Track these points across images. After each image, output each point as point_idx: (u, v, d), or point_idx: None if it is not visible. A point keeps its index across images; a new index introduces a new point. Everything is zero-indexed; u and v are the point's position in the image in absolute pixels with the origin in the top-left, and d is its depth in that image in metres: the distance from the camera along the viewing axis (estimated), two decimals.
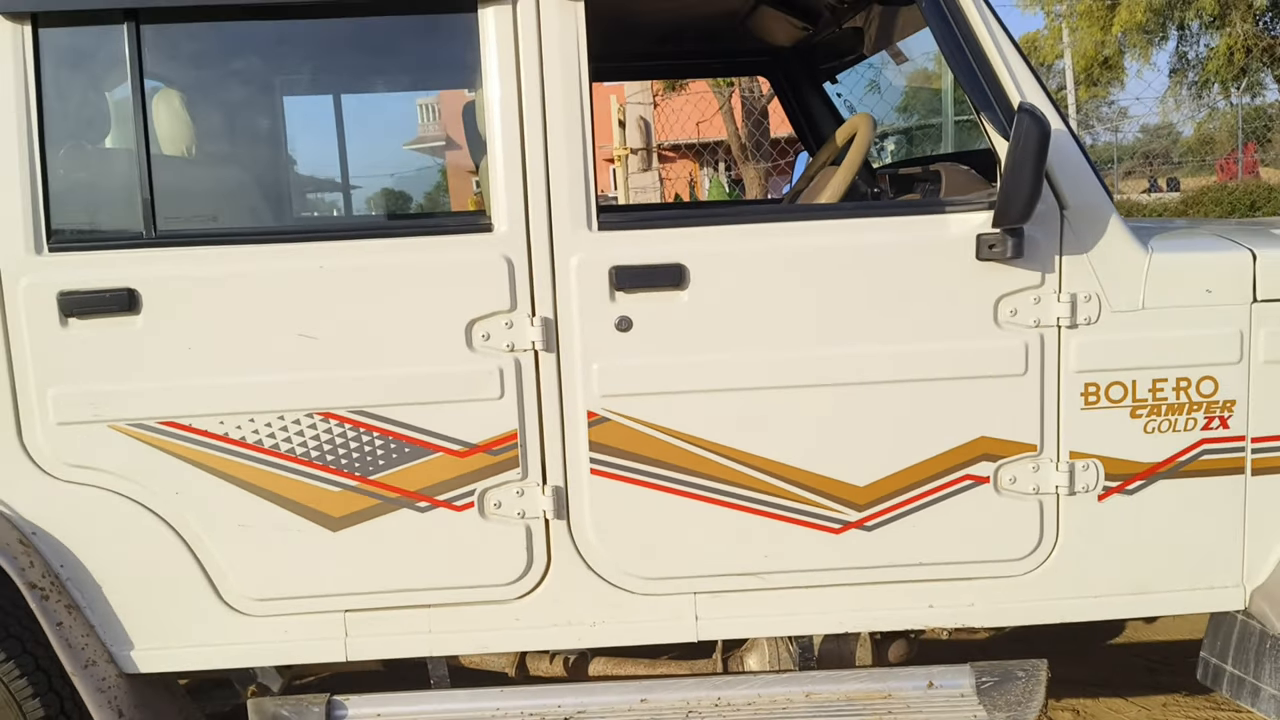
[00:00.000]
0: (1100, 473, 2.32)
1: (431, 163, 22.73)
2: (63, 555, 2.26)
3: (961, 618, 2.40)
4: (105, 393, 2.22)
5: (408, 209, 3.92)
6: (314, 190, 3.80)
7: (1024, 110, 2.01)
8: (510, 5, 2.21)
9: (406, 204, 4.27)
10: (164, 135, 2.83)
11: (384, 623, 2.36)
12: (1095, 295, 2.26)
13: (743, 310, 2.26)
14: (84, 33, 2.25)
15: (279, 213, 3.25)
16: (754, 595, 2.38)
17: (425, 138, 22.76)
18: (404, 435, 2.27)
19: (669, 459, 2.30)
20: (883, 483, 2.32)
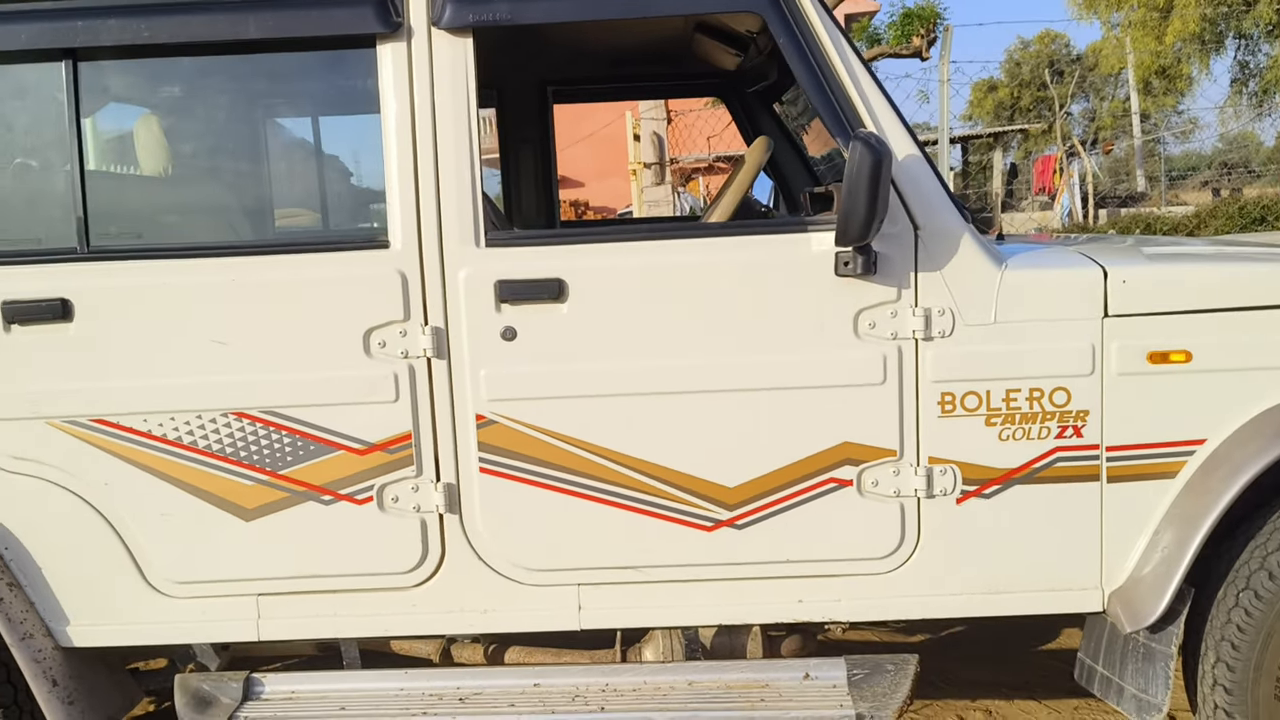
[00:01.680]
0: (958, 477, 2.44)
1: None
2: (6, 538, 2.52)
3: (829, 612, 2.53)
4: (43, 392, 2.47)
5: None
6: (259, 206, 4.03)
7: (858, 138, 2.15)
8: (404, 41, 2.42)
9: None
10: (143, 156, 3.09)
11: (293, 606, 2.57)
12: (949, 310, 2.39)
13: (618, 322, 2.43)
14: (31, 67, 2.51)
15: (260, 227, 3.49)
16: (634, 588, 2.54)
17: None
18: (309, 434, 2.49)
19: (552, 459, 2.48)
20: (751, 484, 2.47)
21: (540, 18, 2.43)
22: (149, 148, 3.15)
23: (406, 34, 2.42)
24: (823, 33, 2.37)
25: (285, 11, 2.39)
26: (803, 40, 2.37)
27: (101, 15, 2.40)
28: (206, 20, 2.40)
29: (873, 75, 2.41)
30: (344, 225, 4.01)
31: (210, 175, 3.12)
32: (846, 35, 2.41)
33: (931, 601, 2.50)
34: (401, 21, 2.41)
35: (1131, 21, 22.12)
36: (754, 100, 3.88)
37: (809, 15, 2.37)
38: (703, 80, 4.05)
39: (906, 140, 2.38)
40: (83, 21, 2.40)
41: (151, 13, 2.40)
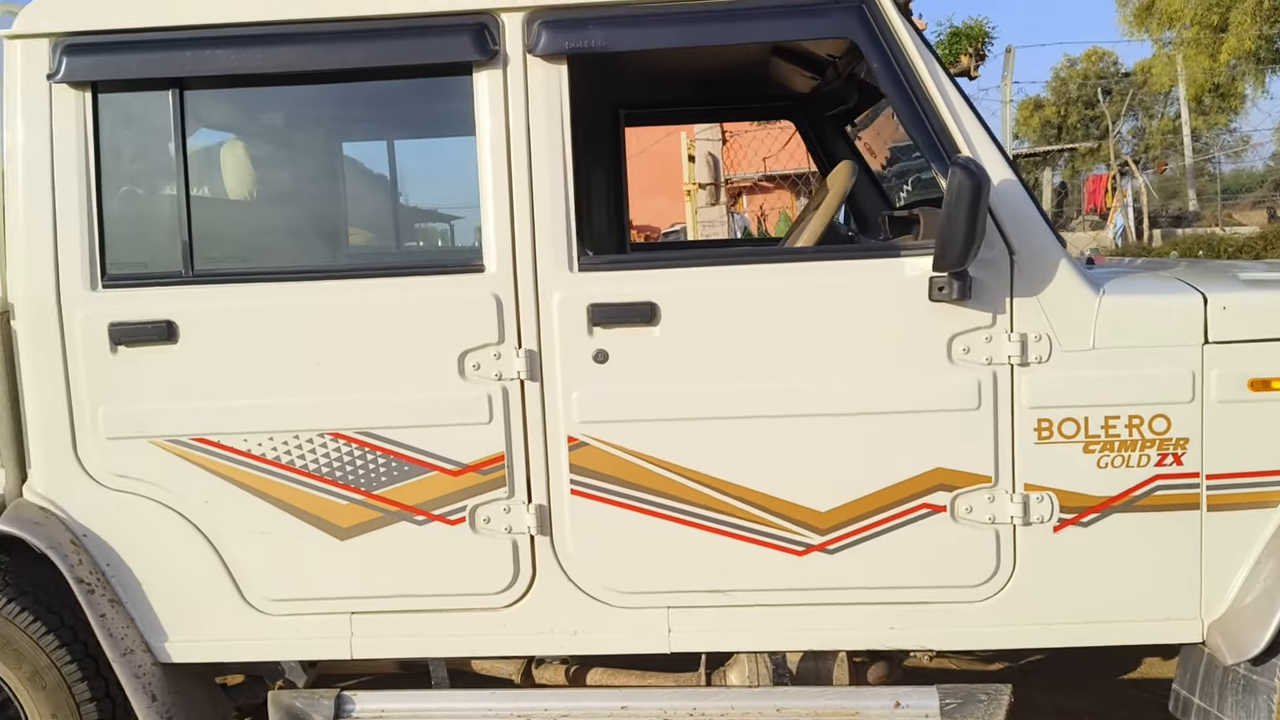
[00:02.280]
0: (1055, 505, 2.42)
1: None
2: (108, 555, 2.57)
3: (920, 640, 2.51)
4: (147, 412, 2.53)
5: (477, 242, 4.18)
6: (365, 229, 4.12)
7: (957, 163, 2.15)
8: (500, 68, 2.46)
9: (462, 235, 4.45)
10: (230, 181, 3.16)
11: (385, 625, 2.60)
12: (1046, 335, 2.38)
13: (710, 345, 2.44)
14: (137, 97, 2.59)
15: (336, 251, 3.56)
16: (723, 611, 2.54)
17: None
18: (403, 454, 2.52)
19: (643, 482, 2.49)
20: (844, 509, 2.47)
21: (634, 45, 2.45)
22: (235, 173, 3.22)
23: (502, 61, 2.46)
24: (916, 57, 2.38)
25: (387, 41, 2.44)
26: (897, 65, 2.38)
27: (210, 45, 2.46)
28: (311, 50, 2.46)
29: (966, 98, 2.41)
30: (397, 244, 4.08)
31: (300, 199, 3.18)
32: (939, 58, 2.41)
33: (1027, 630, 2.48)
34: (498, 49, 2.45)
35: (1184, 39, 21.85)
36: (827, 123, 3.88)
37: (902, 39, 2.38)
38: (775, 103, 4.07)
39: (1002, 164, 2.38)
40: (192, 51, 2.46)
41: (258, 43, 2.46)
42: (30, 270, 2.51)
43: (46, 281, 2.50)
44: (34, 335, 2.52)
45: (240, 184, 3.24)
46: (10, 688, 2.62)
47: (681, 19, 2.42)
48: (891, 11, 2.36)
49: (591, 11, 2.44)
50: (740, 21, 2.41)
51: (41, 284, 2.51)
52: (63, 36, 2.49)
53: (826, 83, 3.50)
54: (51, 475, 2.56)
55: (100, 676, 2.63)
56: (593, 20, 2.43)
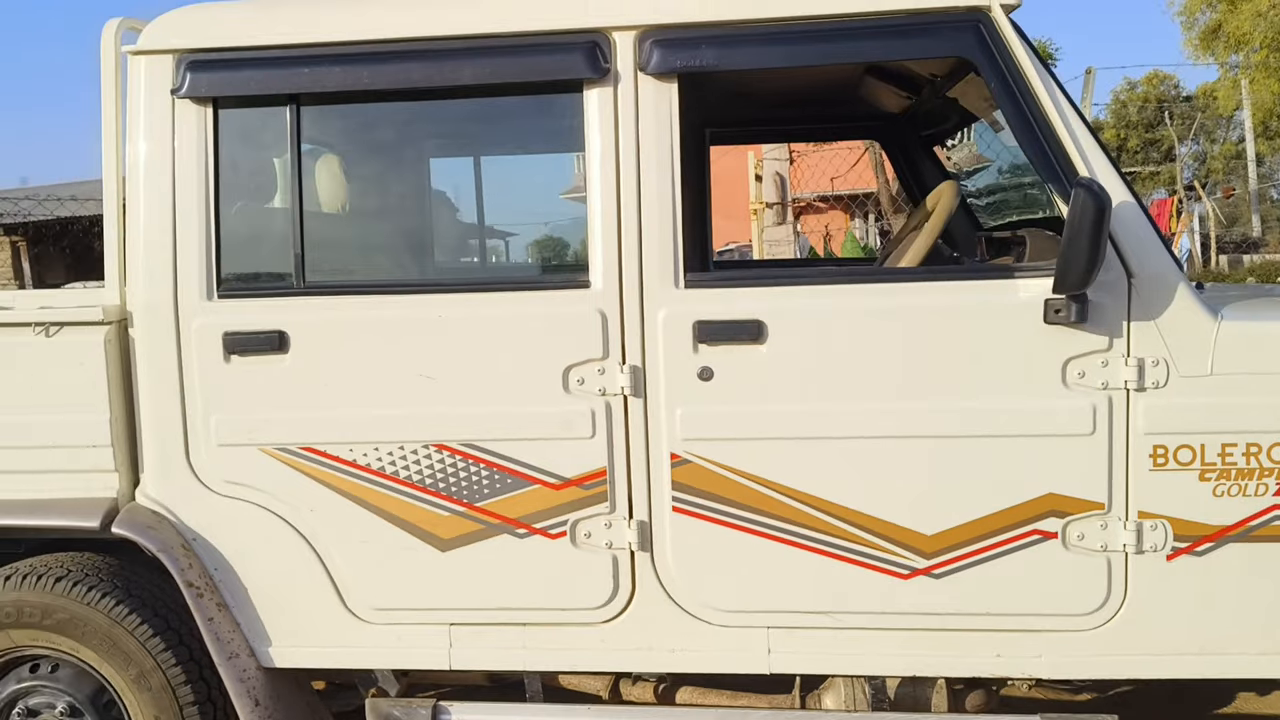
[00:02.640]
0: (1169, 533, 2.37)
1: (585, 212, 23.49)
2: (217, 559, 2.62)
3: (1029, 669, 2.47)
4: (257, 420, 2.57)
5: (565, 256, 4.20)
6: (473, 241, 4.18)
7: (1080, 184, 2.13)
8: (611, 86, 2.48)
9: (563, 251, 4.53)
10: (324, 195, 3.22)
11: (484, 636, 2.61)
12: (1163, 360, 2.34)
13: (817, 364, 2.43)
14: (254, 112, 2.65)
15: (424, 265, 3.62)
16: (825, 634, 2.52)
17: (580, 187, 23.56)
18: (507, 467, 2.54)
19: (746, 500, 2.48)
20: (951, 533, 2.44)
21: (746, 64, 2.46)
22: (330, 187, 3.28)
23: (614, 79, 2.48)
24: (1034, 76, 2.35)
25: (500, 59, 2.48)
26: (1014, 84, 2.36)
27: (327, 63, 2.51)
28: (425, 67, 2.50)
29: (1083, 118, 2.38)
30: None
31: (396, 213, 3.23)
32: (1055, 78, 2.39)
33: (1137, 661, 2.42)
34: (609, 68, 2.47)
35: (1253, 63, 21.42)
36: (916, 143, 3.86)
37: (1020, 58, 2.36)
38: (861, 123, 4.05)
39: (1121, 186, 2.35)
40: (309, 69, 2.52)
41: (374, 61, 2.51)
42: (149, 280, 2.57)
43: (164, 291, 2.56)
44: (151, 343, 2.58)
45: (333, 198, 3.31)
46: (116, 689, 2.68)
47: (794, 38, 2.43)
48: (1009, 30, 2.34)
49: (704, 30, 2.45)
50: (854, 40, 2.41)
51: (160, 293, 2.57)
52: (186, 53, 2.55)
53: (921, 103, 3.49)
54: (164, 480, 2.61)
55: (204, 680, 2.67)
56: (705, 39, 2.44)
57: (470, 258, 4.04)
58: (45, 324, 2.60)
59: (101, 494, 2.63)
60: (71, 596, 2.62)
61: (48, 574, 2.65)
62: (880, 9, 2.39)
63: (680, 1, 2.47)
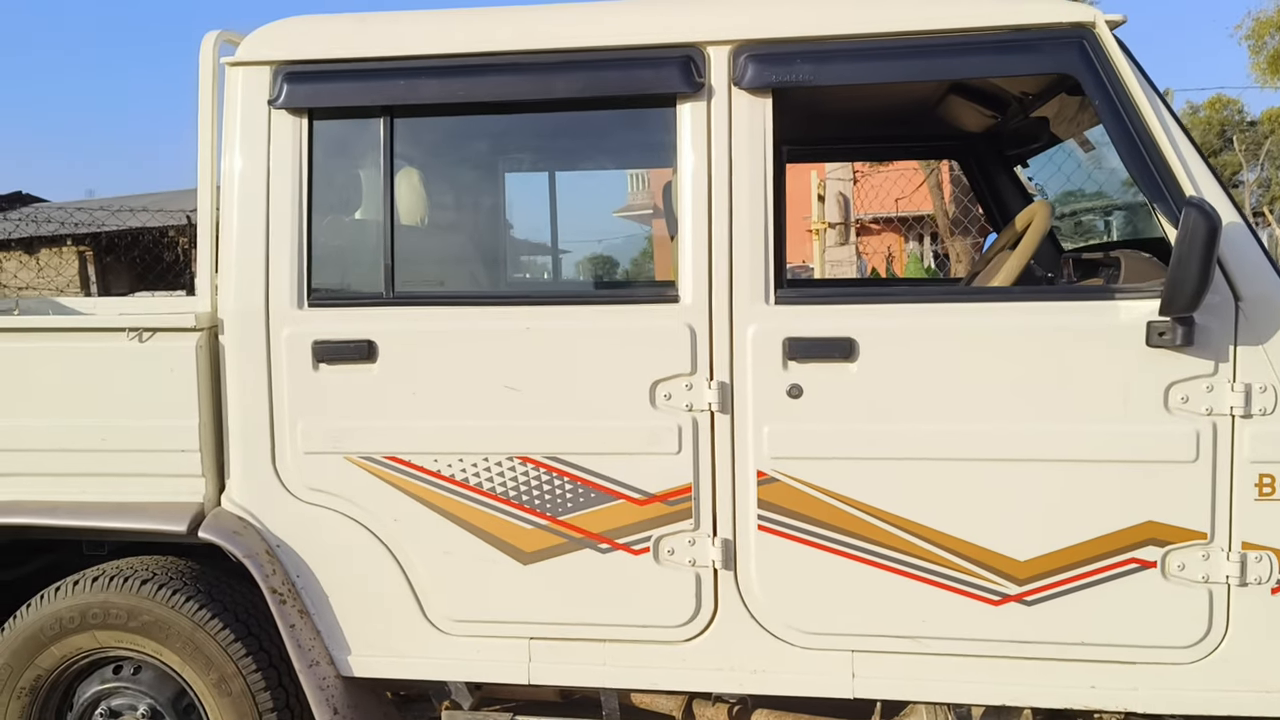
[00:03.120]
0: (1274, 565, 2.29)
1: (639, 230, 23.56)
2: (299, 566, 2.63)
3: (1124, 701, 2.39)
4: (344, 429, 2.58)
5: (614, 273, 4.23)
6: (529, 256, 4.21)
7: (1191, 204, 2.08)
8: (705, 101, 2.47)
9: (614, 268, 4.60)
10: (403, 208, 3.25)
11: (563, 651, 2.59)
12: (1271, 386, 2.26)
13: (910, 384, 2.39)
14: (347, 124, 2.67)
15: (496, 278, 3.63)
16: (911, 659, 2.47)
17: (633, 205, 23.67)
18: (590, 481, 2.52)
19: (833, 521, 2.44)
20: (1044, 559, 2.38)
21: (841, 79, 2.44)
22: (410, 200, 3.31)
23: (707, 94, 2.47)
24: (1139, 93, 2.30)
25: (594, 72, 2.48)
26: (1119, 101, 2.31)
27: (421, 75, 2.53)
28: (518, 80, 2.50)
29: (1190, 137, 2.32)
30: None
31: (481, 226, 3.24)
32: (1161, 95, 2.34)
33: (1239, 697, 2.34)
34: (704, 82, 2.46)
35: None
36: (997, 163, 3.80)
37: (1124, 75, 2.31)
38: (941, 142, 4.00)
39: (1228, 205, 2.29)
40: (404, 81, 2.54)
41: (467, 74, 2.52)
42: (241, 287, 2.60)
43: (256, 298, 2.59)
44: (241, 349, 2.61)
45: (413, 210, 3.33)
46: (196, 693, 2.69)
47: (891, 53, 2.40)
48: (1114, 48, 2.30)
49: (799, 45, 2.44)
50: (954, 56, 2.37)
51: (251, 301, 2.59)
52: (283, 64, 2.59)
53: (1005, 122, 3.44)
54: (250, 486, 2.63)
55: (282, 687, 2.68)
56: (800, 54, 2.43)
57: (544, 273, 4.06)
58: (139, 330, 2.64)
59: (188, 499, 2.66)
60: (157, 599, 2.64)
61: (134, 576, 2.68)
62: (981, 25, 2.36)
63: (776, 16, 2.45)
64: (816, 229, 8.22)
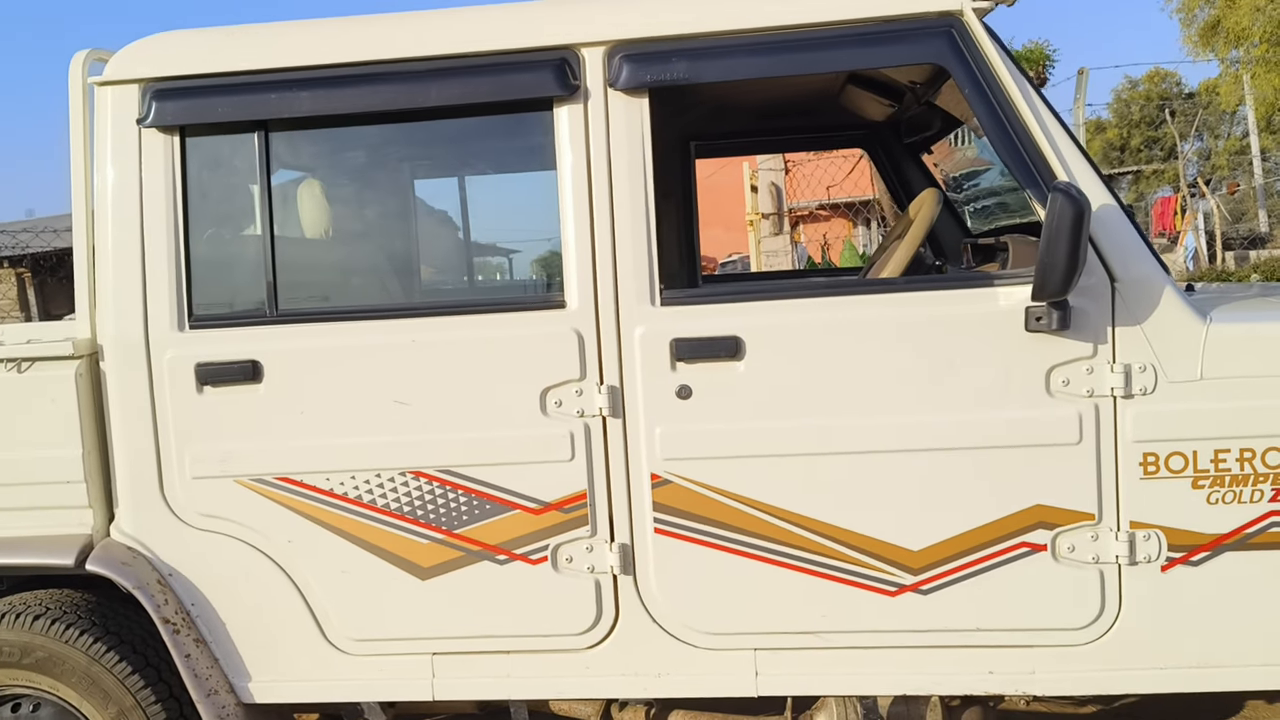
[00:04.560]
0: (1163, 543, 2.31)
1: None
2: (193, 594, 2.58)
3: (1022, 685, 2.41)
4: (232, 451, 2.53)
5: (556, 272, 4.19)
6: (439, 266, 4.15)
7: (1057, 189, 2.08)
8: (581, 103, 2.44)
9: (555, 268, 4.52)
10: (306, 220, 3.19)
11: (468, 666, 2.56)
12: (1150, 366, 2.28)
13: (797, 380, 2.38)
14: (223, 139, 2.62)
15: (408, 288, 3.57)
16: (813, 654, 2.47)
17: None
18: (485, 493, 2.49)
19: (728, 520, 2.43)
20: (937, 548, 2.38)
21: (717, 76, 2.42)
22: (312, 212, 3.25)
23: (584, 96, 2.44)
24: (1009, 81, 2.31)
25: (468, 79, 2.44)
26: (989, 90, 2.31)
27: (294, 88, 2.48)
28: (393, 89, 2.46)
29: (1061, 122, 2.34)
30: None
31: (378, 237, 3.19)
32: (1032, 81, 2.35)
33: (1135, 675, 2.36)
34: (579, 84, 2.44)
35: (1253, 58, 21.32)
36: (902, 150, 3.82)
37: (994, 64, 2.32)
38: (846, 131, 4.01)
39: (1101, 189, 2.30)
40: (276, 94, 2.49)
41: (341, 84, 2.47)
42: (119, 312, 2.54)
43: (135, 323, 2.53)
44: (122, 376, 2.55)
45: (316, 223, 3.27)
46: None
47: (765, 49, 2.39)
48: (982, 35, 2.30)
49: (673, 44, 2.42)
50: (826, 50, 2.36)
51: (130, 325, 2.53)
52: (151, 82, 2.53)
53: (904, 110, 3.44)
54: (138, 515, 2.57)
55: (184, 717, 2.63)
56: (675, 52, 2.41)
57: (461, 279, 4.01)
58: (17, 360, 2.57)
59: (76, 530, 2.59)
60: (49, 635, 2.58)
61: (26, 612, 2.61)
62: (850, 17, 2.35)
63: (649, 16, 2.43)
64: (751, 220, 8.22)
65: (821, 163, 9.34)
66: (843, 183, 9.29)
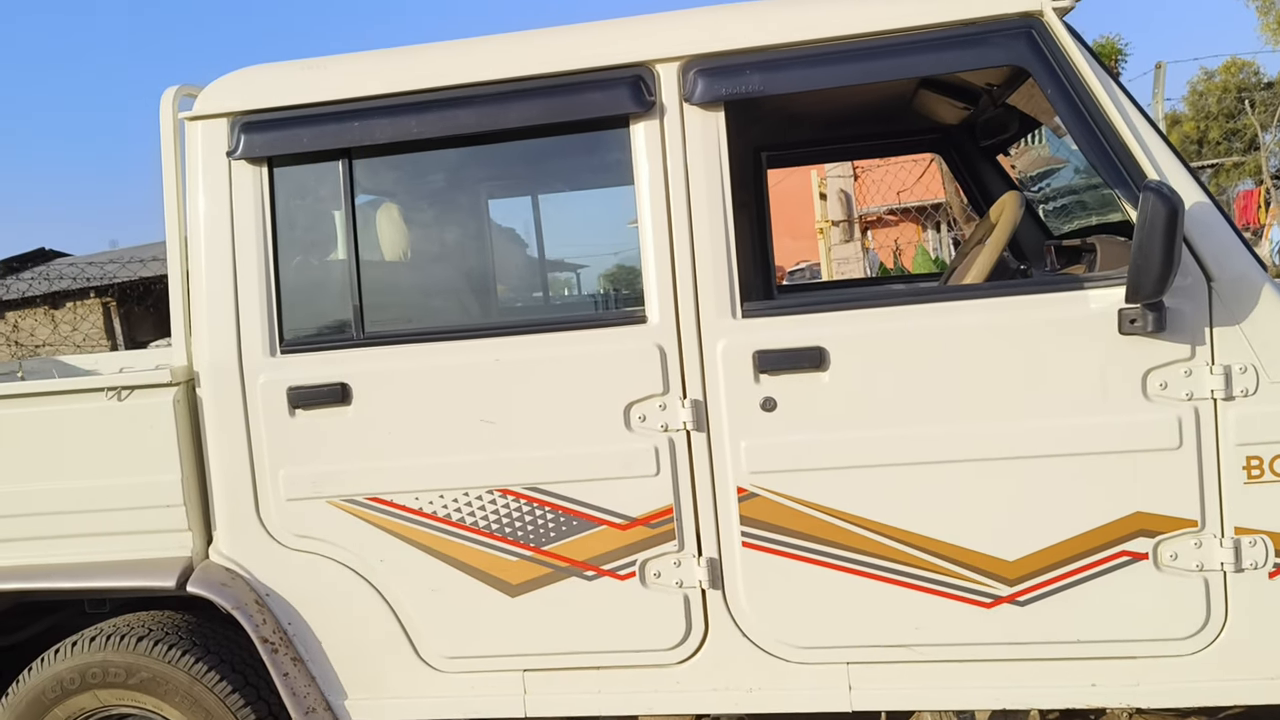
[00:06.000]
0: (1269, 549, 2.23)
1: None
2: (290, 614, 2.63)
3: (1126, 698, 2.34)
4: (324, 473, 2.59)
5: (636, 284, 4.22)
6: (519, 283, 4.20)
7: (1149, 188, 2.03)
8: (658, 119, 2.45)
9: (636, 279, 4.57)
10: (385, 243, 3.25)
11: (557, 682, 2.57)
12: (1251, 366, 2.21)
13: (884, 389, 2.36)
14: (309, 168, 2.68)
15: (486, 307, 3.62)
16: (907, 667, 2.43)
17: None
18: (572, 509, 2.51)
19: (817, 533, 2.41)
20: (1034, 557, 2.33)
21: (792, 87, 2.41)
22: (390, 235, 3.31)
23: (659, 112, 2.45)
24: (1093, 80, 2.26)
25: (545, 99, 2.47)
26: (1073, 89, 2.27)
27: (375, 116, 2.54)
28: (471, 113, 2.50)
29: (1149, 119, 2.28)
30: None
31: (452, 258, 3.24)
32: (1117, 78, 2.30)
33: (1243, 686, 2.28)
34: (654, 100, 2.45)
35: None
36: (978, 153, 3.76)
37: (1077, 63, 2.27)
38: (919, 136, 3.97)
39: (1194, 187, 2.24)
40: (359, 122, 2.54)
41: (421, 110, 2.52)
42: (213, 339, 2.61)
43: (229, 349, 2.60)
44: (218, 401, 2.62)
45: (395, 245, 3.33)
46: None
47: (839, 57, 2.37)
48: (1064, 34, 2.26)
49: (746, 57, 2.42)
50: (903, 56, 2.34)
51: (224, 352, 2.61)
52: (239, 115, 2.60)
53: (979, 112, 3.40)
54: (235, 537, 2.64)
55: None
56: (749, 65, 2.41)
57: (535, 295, 4.05)
58: (117, 389, 2.66)
59: (177, 553, 2.67)
60: (153, 655, 2.66)
61: (130, 634, 2.70)
62: (927, 22, 2.33)
63: (722, 30, 2.44)
64: (821, 228, 8.16)
65: (890, 168, 9.25)
66: (913, 187, 9.19)
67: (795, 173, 9.60)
